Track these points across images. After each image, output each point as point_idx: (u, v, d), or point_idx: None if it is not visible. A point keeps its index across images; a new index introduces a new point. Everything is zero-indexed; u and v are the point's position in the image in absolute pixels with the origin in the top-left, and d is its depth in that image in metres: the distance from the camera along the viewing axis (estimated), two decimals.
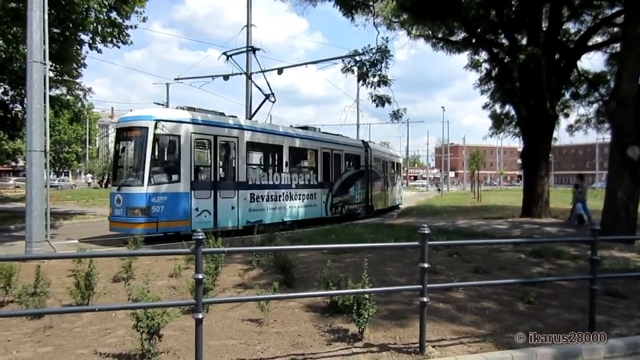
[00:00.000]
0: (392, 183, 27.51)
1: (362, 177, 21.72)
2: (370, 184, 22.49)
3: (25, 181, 9.65)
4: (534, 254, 9.60)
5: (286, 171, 16.49)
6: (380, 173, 24.56)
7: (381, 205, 24.55)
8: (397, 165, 30.03)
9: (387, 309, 5.90)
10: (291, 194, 16.64)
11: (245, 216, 14.53)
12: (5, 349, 4.56)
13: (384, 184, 25.14)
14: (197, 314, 3.95)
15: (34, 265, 7.08)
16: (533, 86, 17.00)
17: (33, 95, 9.46)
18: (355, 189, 20.99)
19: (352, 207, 20.65)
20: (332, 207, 18.98)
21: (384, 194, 25.40)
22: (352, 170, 20.90)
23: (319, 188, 18.18)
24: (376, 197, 23.50)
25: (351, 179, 20.69)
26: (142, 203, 12.20)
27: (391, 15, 19.53)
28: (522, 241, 10.97)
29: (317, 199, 18.03)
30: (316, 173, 18.13)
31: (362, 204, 21.75)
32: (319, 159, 18.29)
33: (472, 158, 45.68)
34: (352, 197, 20.69)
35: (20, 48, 16.53)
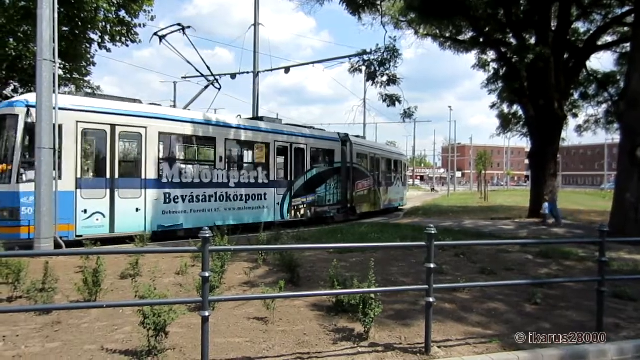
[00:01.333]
0: (388, 183, 24.77)
1: (337, 174, 18.90)
2: (351, 183, 19.77)
3: (35, 178, 9.72)
4: (541, 255, 9.55)
5: (221, 167, 14.01)
6: (369, 171, 21.80)
7: (368, 208, 21.73)
8: (398, 164, 27.28)
9: (393, 308, 5.89)
10: (228, 195, 14.18)
11: (157, 220, 12.29)
12: (14, 343, 4.61)
13: (373, 183, 22.32)
14: (203, 311, 3.97)
15: (42, 261, 7.14)
16: (541, 86, 16.90)
17: (42, 93, 9.53)
18: (327, 188, 18.19)
19: (321, 209, 17.88)
20: (291, 210, 16.40)
21: (374, 195, 22.50)
22: (322, 166, 18.13)
23: (272, 187, 15.63)
24: (360, 198, 20.82)
25: (321, 177, 17.94)
26: (9, 203, 10.40)
27: (399, 15, 19.51)
28: (529, 242, 10.92)
29: (268, 199, 15.48)
30: (267, 170, 15.52)
31: (337, 206, 18.92)
32: (272, 154, 15.68)
33: (479, 158, 45.50)
34: (321, 197, 17.89)
35: (30, 46, 16.66)
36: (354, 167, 20.00)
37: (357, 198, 20.37)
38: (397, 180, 26.69)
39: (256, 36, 21.09)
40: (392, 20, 19.73)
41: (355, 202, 20.26)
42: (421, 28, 20.28)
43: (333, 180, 18.62)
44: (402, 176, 28.12)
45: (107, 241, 11.09)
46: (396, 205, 26.71)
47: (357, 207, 20.41)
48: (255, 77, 21.50)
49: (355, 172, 20.22)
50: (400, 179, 27.49)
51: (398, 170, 27.14)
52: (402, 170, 28.46)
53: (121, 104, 12.16)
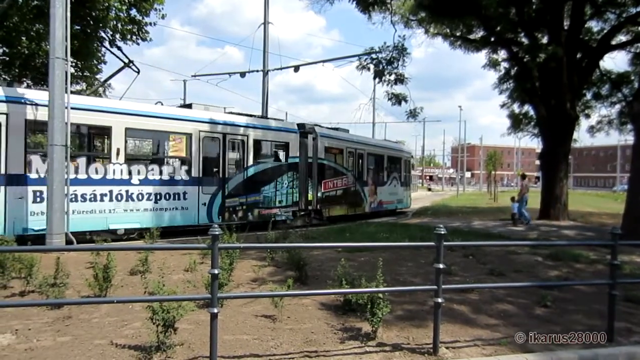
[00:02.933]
0: (379, 182, 21.90)
1: (293, 171, 16.35)
2: (316, 182, 17.15)
3: (47, 175, 9.83)
4: (551, 257, 9.47)
5: (119, 161, 11.89)
6: (346, 168, 19.12)
7: (343, 210, 18.87)
8: (396, 161, 24.20)
9: (401, 308, 5.88)
10: (129, 193, 12.03)
11: (23, 222, 10.46)
12: (26, 337, 4.67)
13: (353, 182, 19.56)
14: (212, 308, 3.99)
15: (53, 256, 7.23)
16: (553, 86, 16.73)
17: (55, 90, 9.64)
18: (277, 187, 15.75)
19: (269, 212, 15.37)
20: (224, 212, 14.14)
21: (354, 195, 19.65)
22: (269, 162, 15.70)
23: (194, 185, 13.35)
24: (330, 199, 18.01)
25: (268, 174, 15.57)
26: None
27: (409, 13, 19.39)
28: (539, 244, 10.82)
29: (188, 199, 13.20)
30: (188, 165, 13.24)
31: (293, 208, 16.38)
32: (195, 147, 13.37)
33: (489, 158, 45.12)
34: (269, 197, 15.50)
35: (43, 45, 16.85)
36: (320, 163, 17.38)
37: (325, 199, 17.62)
38: (392, 180, 23.45)
39: (266, 35, 21.14)
40: (402, 19, 19.61)
41: (323, 204, 17.57)
42: (431, 27, 20.16)
43: (287, 177, 16.13)
44: (401, 175, 24.63)
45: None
46: (392, 208, 23.56)
47: (325, 209, 17.69)
48: (264, 76, 21.55)
49: (323, 169, 17.61)
50: (397, 179, 24.09)
51: (396, 169, 24.11)
52: (403, 169, 25.01)
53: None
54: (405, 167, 25.33)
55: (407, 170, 25.92)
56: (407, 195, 25.99)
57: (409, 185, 26.33)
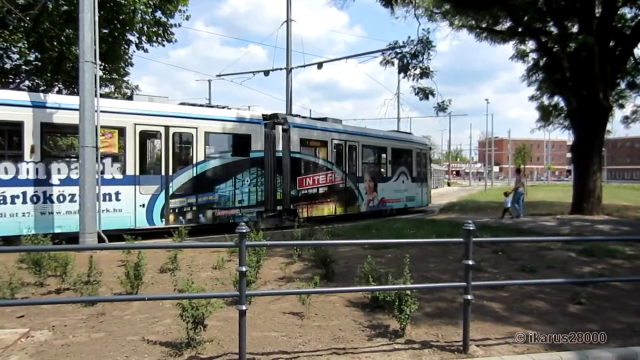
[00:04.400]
0: (380, 178, 19.55)
1: (258, 167, 14.54)
2: (288, 178, 15.31)
3: (79, 176, 10.10)
4: (584, 252, 9.19)
5: (34, 160, 10.76)
6: (331, 162, 16.87)
7: (328, 210, 16.70)
8: (405, 154, 21.62)
9: (430, 305, 5.82)
10: (47, 195, 10.89)
11: None
12: (63, 333, 4.82)
13: (343, 178, 17.31)
14: (240, 305, 4.03)
15: (87, 255, 7.43)
16: (585, 76, 16.23)
17: (85, 93, 9.90)
18: (237, 185, 14.01)
19: (227, 213, 13.80)
20: (168, 213, 12.62)
21: (343, 193, 17.41)
22: (226, 157, 14.02)
23: (129, 184, 11.93)
24: (309, 197, 16.01)
25: (225, 171, 13.88)
26: None
27: (432, 6, 19.10)
28: (572, 239, 10.54)
29: (124, 200, 11.81)
30: (121, 162, 11.91)
31: (258, 208, 14.55)
32: (132, 142, 12.02)
33: (518, 152, 44.27)
34: (226, 197, 13.80)
35: (73, 49, 17.30)
36: (294, 157, 15.48)
37: (302, 198, 15.77)
38: (400, 175, 20.73)
39: (289, 33, 21.19)
40: (425, 13, 19.33)
41: (298, 203, 15.67)
42: (456, 19, 19.80)
43: (249, 174, 14.34)
44: (412, 170, 21.79)
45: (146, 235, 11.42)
46: (399, 207, 20.78)
47: (301, 209, 15.70)
48: (288, 74, 21.61)
49: (299, 164, 15.75)
50: (406, 173, 21.27)
51: (405, 162, 21.48)
52: (415, 162, 22.17)
53: None
54: (418, 161, 22.40)
55: (422, 164, 22.93)
56: (423, 192, 22.93)
57: (424, 181, 23.09)
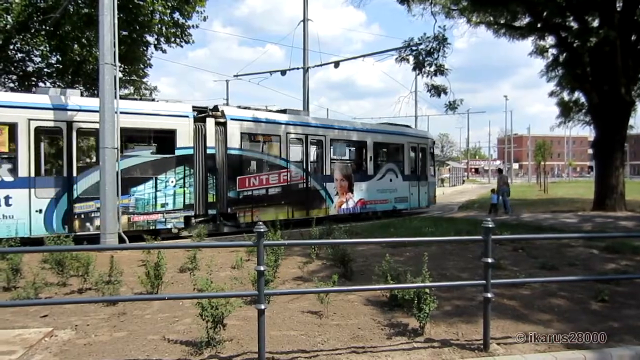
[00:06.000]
0: (357, 176, 16.99)
1: (186, 165, 12.69)
2: (225, 179, 13.44)
3: (100, 177, 10.27)
4: (607, 249, 9.02)
5: None
6: (286, 160, 14.84)
7: (283, 214, 14.46)
8: (394, 149, 19.08)
9: (449, 304, 5.77)
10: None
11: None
12: (85, 332, 4.91)
13: (305, 177, 15.32)
14: (259, 304, 4.05)
15: (107, 255, 7.55)
16: (606, 70, 15.92)
17: (105, 95, 10.06)
18: (158, 186, 12.29)
19: (145, 219, 12.16)
20: (72, 219, 11.21)
21: (305, 195, 15.32)
22: (144, 155, 12.55)
23: (25, 187, 10.72)
24: (255, 200, 14.05)
25: (143, 171, 12.26)
26: None
27: (450, 3, 18.91)
28: (595, 235, 10.36)
29: (16, 205, 10.58)
30: (15, 163, 10.73)
31: (186, 212, 12.67)
32: (25, 140, 10.74)
33: (538, 149, 43.59)
34: (145, 200, 12.14)
35: (93, 51, 17.61)
36: (233, 154, 13.55)
37: (244, 200, 13.78)
38: (386, 173, 18.09)
39: (305, 32, 21.21)
40: (442, 10, 19.14)
41: (240, 207, 13.71)
42: (474, 16, 19.55)
43: (174, 174, 12.54)
44: (404, 167, 19.01)
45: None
46: (385, 209, 18.00)
47: (242, 213, 13.75)
48: (305, 73, 21.64)
49: (240, 162, 13.82)
50: (396, 171, 18.54)
51: (395, 158, 18.98)
52: (411, 158, 19.48)
53: None
54: (413, 156, 19.68)
55: (420, 160, 20.10)
56: (421, 192, 19.96)
57: (423, 179, 20.07)
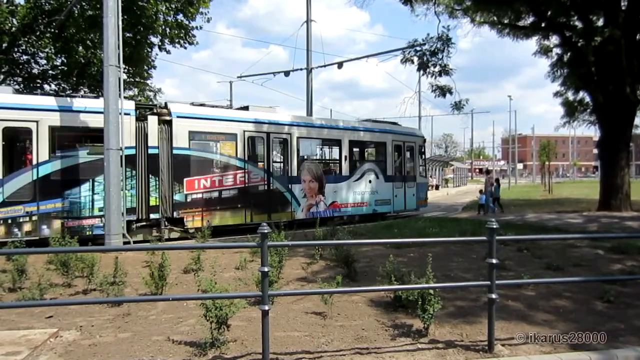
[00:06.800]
0: (330, 178, 15.92)
1: (127, 166, 11.50)
2: (170, 180, 12.43)
3: (104, 178, 10.31)
4: (613, 250, 8.97)
5: None
6: (243, 160, 13.76)
7: (239, 219, 13.63)
8: (374, 147, 18.20)
9: (453, 305, 5.76)
10: None
11: None
12: (90, 333, 4.92)
13: (266, 179, 14.29)
14: (263, 305, 4.05)
15: (112, 256, 7.58)
16: (611, 70, 15.85)
17: (109, 97, 10.09)
18: (96, 189, 11.45)
19: (80, 224, 11.37)
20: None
21: (266, 197, 14.21)
22: (80, 155, 11.47)
23: None
24: (206, 203, 13.02)
25: (78, 172, 11.40)
26: None
27: (453, 3, 18.87)
28: (600, 236, 10.29)
29: None
30: None
31: (127, 217, 11.40)
32: None
33: (543, 149, 43.40)
34: (80, 204, 11.36)
35: (97, 53, 17.69)
36: (179, 154, 12.55)
37: (193, 203, 12.79)
38: (367, 173, 16.96)
39: (309, 33, 21.24)
40: (446, 10, 19.10)
41: (187, 210, 12.69)
42: (477, 15, 19.51)
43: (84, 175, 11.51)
44: (388, 167, 17.80)
45: None
46: (364, 212, 16.80)
47: (191, 217, 12.77)
48: (308, 74, 21.66)
49: (187, 163, 12.71)
50: (377, 172, 17.36)
51: (377, 158, 18.08)
52: (395, 158, 18.24)
53: None
54: (398, 156, 18.43)
55: (407, 160, 18.90)
56: (408, 194, 18.61)
57: (410, 180, 18.79)
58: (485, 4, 16.77)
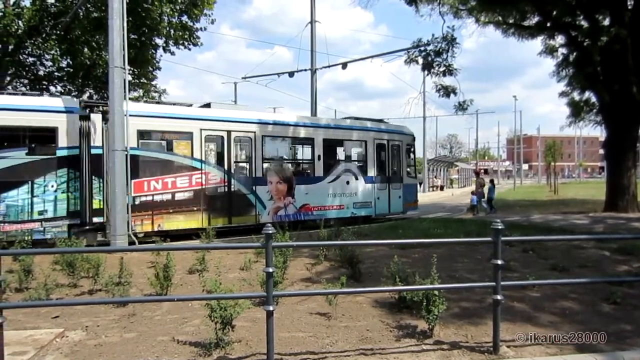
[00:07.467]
0: (300, 179, 15.03)
1: (69, 168, 11.16)
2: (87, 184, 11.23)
3: (110, 179, 10.36)
4: (619, 251, 8.91)
5: None
6: (200, 160, 12.88)
7: (195, 222, 12.59)
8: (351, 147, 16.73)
9: (458, 306, 5.74)
10: None
11: None
12: (96, 333, 4.95)
13: (226, 180, 13.36)
14: (267, 306, 4.06)
15: (117, 256, 7.61)
16: (617, 70, 15.76)
17: (115, 98, 10.14)
18: (35, 192, 10.88)
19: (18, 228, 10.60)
20: None
21: (226, 200, 13.31)
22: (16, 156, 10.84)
23: None
24: (156, 207, 12.10)
25: (14, 174, 10.71)
26: None
27: (458, 3, 18.82)
28: (606, 237, 10.21)
29: None
30: None
31: (69, 220, 11.13)
32: None
33: (548, 149, 43.21)
34: (18, 208, 10.71)
35: (103, 54, 17.78)
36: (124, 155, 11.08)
37: (140, 207, 11.82)
38: (344, 174, 15.85)
39: (313, 34, 21.22)
40: (450, 10, 19.05)
41: (136, 214, 11.72)
42: (482, 15, 19.45)
43: (56, 178, 11.08)
44: (369, 167, 16.64)
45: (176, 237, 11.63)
46: (341, 216, 15.42)
47: (138, 221, 11.81)
48: (312, 75, 21.65)
49: (136, 164, 11.76)
50: (356, 172, 16.24)
51: (356, 157, 16.82)
52: (378, 158, 16.96)
53: None
54: (381, 155, 17.14)
55: (393, 159, 17.57)
56: (393, 196, 17.36)
57: (395, 180, 17.51)
58: (490, 4, 16.73)
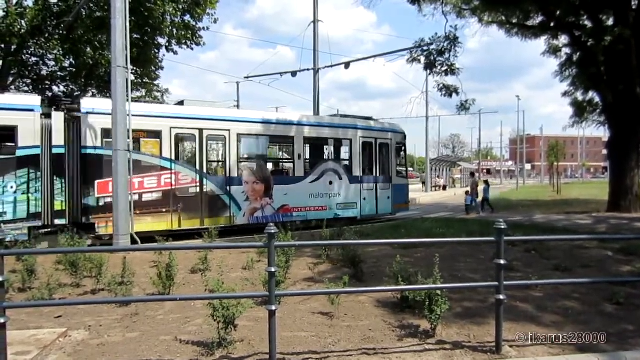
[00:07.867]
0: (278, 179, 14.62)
1: (30, 168, 10.85)
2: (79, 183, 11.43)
3: (112, 179, 10.38)
4: (622, 251, 8.88)
5: None
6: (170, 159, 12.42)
7: (165, 224, 12.27)
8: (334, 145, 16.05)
9: (460, 306, 5.73)
10: None
11: None
12: (98, 333, 4.96)
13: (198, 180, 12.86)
14: (270, 305, 4.06)
15: (120, 256, 7.63)
16: (621, 70, 15.73)
17: (117, 98, 10.15)
18: None
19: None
20: None
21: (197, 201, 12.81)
22: None
23: None
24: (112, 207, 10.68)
25: None
26: None
27: (461, 3, 18.79)
28: (609, 237, 10.18)
29: None
30: None
31: (30, 222, 10.83)
32: None
33: (551, 149, 43.13)
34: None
35: (105, 54, 17.81)
36: (91, 153, 11.36)
37: (105, 208, 11.30)
38: (327, 174, 15.15)
39: (316, 33, 21.22)
40: (454, 9, 19.01)
41: (100, 216, 11.39)
42: (485, 15, 19.42)
43: (16, 178, 10.72)
44: (354, 166, 15.90)
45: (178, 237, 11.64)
46: (326, 217, 14.09)
47: (103, 223, 11.37)
48: (315, 74, 21.64)
49: (100, 164, 11.40)
50: (340, 172, 15.52)
51: (341, 157, 16.18)
52: (364, 157, 16.22)
53: None
54: (368, 154, 16.41)
55: (381, 159, 16.79)
56: (380, 196, 16.58)
57: (384, 181, 16.74)
58: (494, 4, 16.70)
